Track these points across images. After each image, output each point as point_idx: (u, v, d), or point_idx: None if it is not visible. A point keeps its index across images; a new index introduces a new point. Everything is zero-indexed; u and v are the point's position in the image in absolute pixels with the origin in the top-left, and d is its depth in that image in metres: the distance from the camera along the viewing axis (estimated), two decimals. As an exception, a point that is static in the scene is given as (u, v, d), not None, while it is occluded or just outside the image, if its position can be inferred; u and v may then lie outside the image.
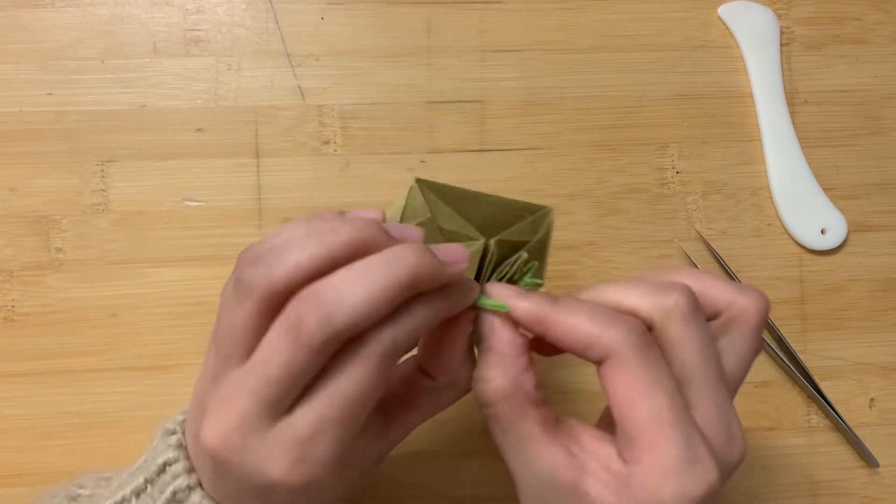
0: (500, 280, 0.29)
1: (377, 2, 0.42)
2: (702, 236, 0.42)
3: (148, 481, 0.28)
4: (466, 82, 0.42)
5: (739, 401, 0.38)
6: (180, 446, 0.28)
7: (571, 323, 0.25)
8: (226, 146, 0.40)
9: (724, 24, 0.43)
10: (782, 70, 0.43)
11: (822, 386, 0.41)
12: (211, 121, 0.40)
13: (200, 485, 0.27)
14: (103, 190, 0.39)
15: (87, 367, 0.38)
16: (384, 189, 0.40)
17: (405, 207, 0.31)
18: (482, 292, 0.27)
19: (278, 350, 0.23)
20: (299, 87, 0.41)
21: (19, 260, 0.39)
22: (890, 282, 0.43)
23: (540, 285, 0.30)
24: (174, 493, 0.27)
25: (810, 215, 0.42)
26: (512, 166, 0.41)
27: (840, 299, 0.42)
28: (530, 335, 0.27)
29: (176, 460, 0.27)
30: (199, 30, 0.41)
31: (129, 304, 0.39)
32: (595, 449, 0.26)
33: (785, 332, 0.41)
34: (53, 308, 0.38)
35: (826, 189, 0.42)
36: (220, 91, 0.40)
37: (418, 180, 0.30)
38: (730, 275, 0.41)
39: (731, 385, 0.26)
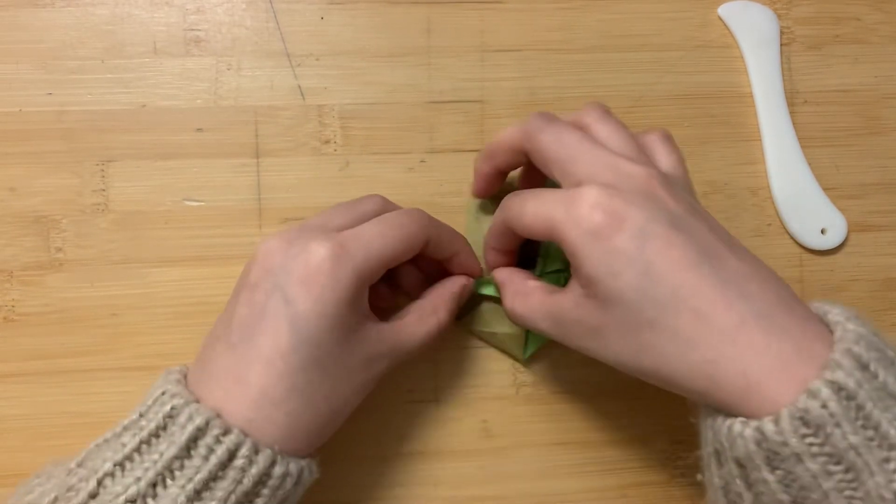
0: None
1: (377, 2, 0.42)
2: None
3: (141, 414, 0.29)
4: (466, 82, 0.42)
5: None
6: (179, 382, 0.29)
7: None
8: (226, 146, 0.40)
9: (724, 24, 0.43)
10: (782, 70, 0.43)
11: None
12: (211, 121, 0.40)
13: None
14: (103, 190, 0.39)
15: (87, 367, 0.38)
16: (384, 189, 0.40)
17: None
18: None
19: (389, 217, 0.33)
20: (299, 87, 0.41)
21: (19, 260, 0.39)
22: (890, 282, 0.43)
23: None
24: (171, 409, 0.28)
25: (810, 215, 0.42)
26: (512, 166, 0.41)
27: (840, 299, 0.42)
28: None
29: (172, 388, 0.29)
30: (199, 30, 0.41)
31: (129, 304, 0.39)
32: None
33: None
34: (53, 308, 0.39)
35: (826, 189, 0.42)
36: (220, 91, 0.40)
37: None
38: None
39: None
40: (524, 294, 0.34)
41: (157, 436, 0.28)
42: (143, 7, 0.41)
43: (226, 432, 0.28)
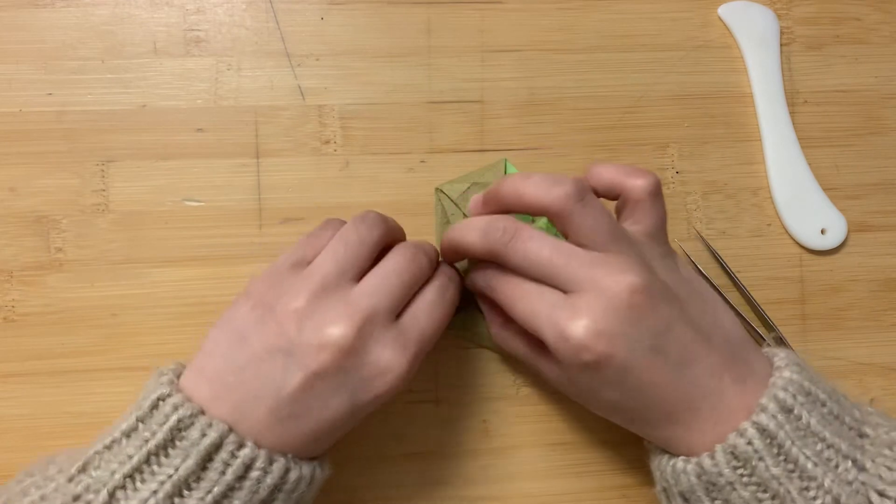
0: None
1: (377, 2, 0.42)
2: (702, 236, 0.42)
3: (140, 419, 0.29)
4: (466, 82, 0.42)
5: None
6: (172, 384, 0.30)
7: (517, 191, 0.32)
8: (226, 146, 0.40)
9: (724, 24, 0.43)
10: (782, 70, 0.43)
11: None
12: (211, 121, 0.40)
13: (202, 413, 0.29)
14: (103, 190, 0.39)
15: (87, 367, 0.38)
16: (384, 189, 0.40)
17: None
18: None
19: (399, 264, 0.32)
20: (299, 87, 0.41)
21: (19, 260, 0.39)
22: (890, 282, 0.43)
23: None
24: (178, 422, 0.28)
25: (810, 215, 0.42)
26: (512, 166, 0.41)
27: (840, 299, 0.42)
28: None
29: (170, 394, 0.29)
30: (199, 30, 0.41)
31: (129, 304, 0.39)
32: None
33: (785, 332, 0.41)
34: (53, 308, 0.39)
35: (826, 189, 0.42)
36: (220, 91, 0.40)
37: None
38: (730, 275, 0.41)
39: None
40: (508, 338, 0.36)
41: (165, 448, 0.28)
42: (143, 7, 0.41)
43: (240, 446, 0.28)
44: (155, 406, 0.29)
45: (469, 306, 0.39)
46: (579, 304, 0.30)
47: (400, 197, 0.40)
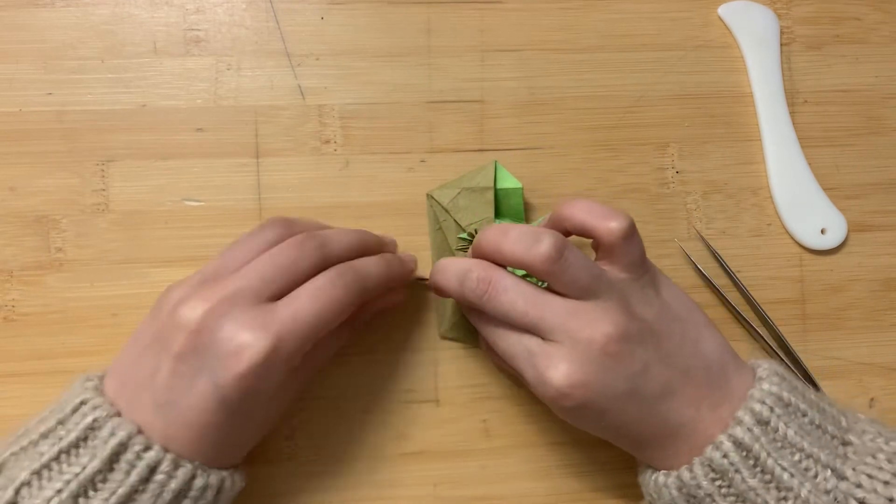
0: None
1: (377, 2, 0.42)
2: (702, 236, 0.42)
3: (60, 422, 0.29)
4: (466, 82, 0.42)
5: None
6: (97, 389, 0.30)
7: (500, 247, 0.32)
8: (226, 146, 0.40)
9: (724, 24, 0.43)
10: (782, 70, 0.43)
11: (823, 385, 0.41)
12: (211, 121, 0.40)
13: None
14: (103, 190, 0.39)
15: (87, 367, 0.38)
16: (384, 189, 0.40)
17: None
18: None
19: (279, 250, 0.31)
20: (299, 86, 0.41)
21: (19, 260, 0.39)
22: (890, 282, 0.43)
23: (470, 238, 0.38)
24: (93, 421, 0.28)
25: (810, 215, 0.42)
26: (512, 166, 0.41)
27: (840, 299, 0.42)
28: None
29: (92, 399, 0.29)
30: (199, 30, 0.41)
31: (129, 304, 0.39)
32: None
33: (785, 332, 0.41)
34: (53, 308, 0.38)
35: (826, 189, 0.42)
36: (220, 91, 0.40)
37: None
38: (730, 275, 0.41)
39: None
40: (498, 360, 0.37)
41: (77, 447, 0.28)
42: (143, 7, 0.41)
43: (146, 448, 0.28)
44: (76, 409, 0.29)
45: (455, 315, 0.39)
46: (557, 353, 0.31)
47: (399, 197, 0.40)
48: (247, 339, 0.28)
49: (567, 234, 0.34)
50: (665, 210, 0.42)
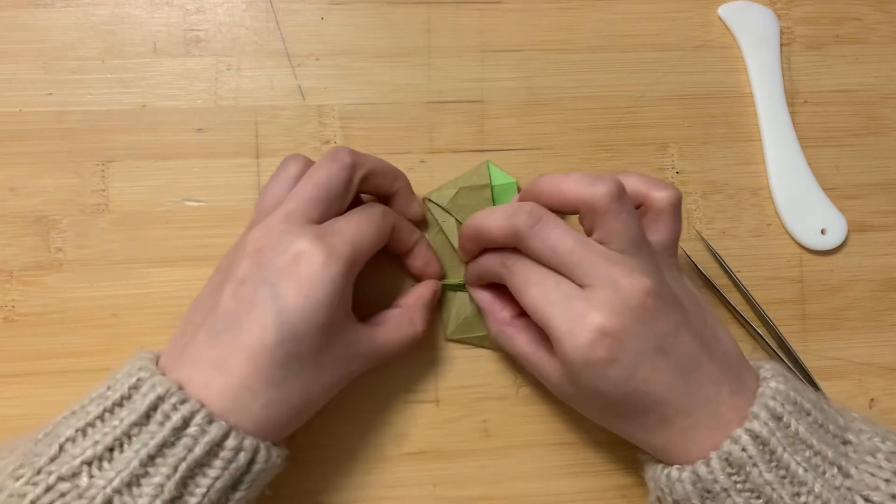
0: None
1: (377, 2, 0.42)
2: (702, 236, 0.42)
3: (109, 387, 0.30)
4: (466, 82, 0.42)
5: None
6: (150, 360, 0.30)
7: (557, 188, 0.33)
8: (226, 146, 0.40)
9: (724, 24, 0.43)
10: (782, 70, 0.43)
11: (823, 386, 0.41)
12: (211, 121, 0.40)
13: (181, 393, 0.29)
14: (103, 190, 0.39)
15: (87, 367, 0.38)
16: (384, 189, 0.40)
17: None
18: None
19: (322, 174, 0.33)
20: (299, 87, 0.41)
21: (19, 260, 0.39)
22: (890, 282, 0.43)
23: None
24: (137, 381, 0.29)
25: (810, 215, 0.42)
26: (512, 166, 0.41)
27: (840, 299, 0.42)
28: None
29: (141, 363, 0.30)
30: (199, 30, 0.41)
31: (129, 304, 0.39)
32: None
33: (785, 332, 0.41)
34: (53, 308, 0.39)
35: (826, 189, 0.42)
36: (220, 91, 0.40)
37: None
38: (730, 275, 0.41)
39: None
40: (509, 335, 0.36)
41: (120, 405, 0.29)
42: (143, 7, 0.41)
43: (183, 401, 0.28)
44: (125, 373, 0.30)
45: (461, 312, 0.39)
46: (595, 298, 0.30)
47: (400, 197, 0.40)
48: (303, 247, 0.30)
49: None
50: (665, 210, 0.42)
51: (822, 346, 0.42)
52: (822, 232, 0.42)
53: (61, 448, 0.28)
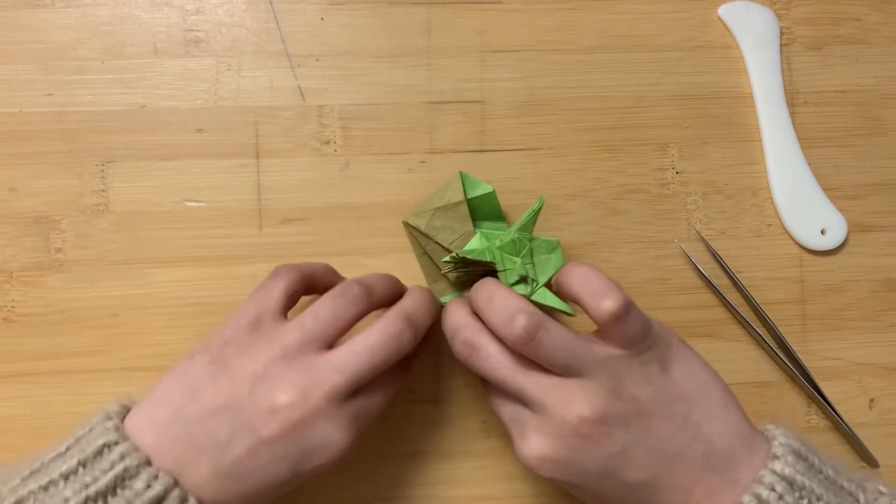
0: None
1: (377, 2, 0.42)
2: (702, 236, 0.42)
3: (82, 463, 0.29)
4: (466, 82, 0.42)
5: (740, 401, 0.38)
6: (119, 430, 0.29)
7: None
8: (226, 146, 0.40)
9: (724, 24, 0.43)
10: (782, 70, 0.43)
11: (822, 386, 0.41)
12: (211, 121, 0.40)
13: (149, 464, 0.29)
14: (103, 190, 0.39)
15: (87, 367, 0.38)
16: (384, 189, 0.40)
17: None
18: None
19: (377, 342, 0.31)
20: (299, 87, 0.41)
21: (19, 260, 0.39)
22: (890, 282, 0.43)
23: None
24: (124, 470, 0.28)
25: (810, 215, 0.42)
26: (512, 166, 0.41)
27: (840, 299, 0.42)
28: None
29: (117, 442, 0.29)
30: (199, 30, 0.41)
31: (129, 304, 0.39)
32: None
33: (785, 332, 0.41)
34: (53, 308, 0.39)
35: (826, 189, 0.42)
36: (220, 91, 0.40)
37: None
38: (730, 275, 0.41)
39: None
40: (493, 400, 0.35)
41: (106, 496, 0.28)
42: (143, 7, 0.41)
43: (183, 501, 0.28)
44: (100, 452, 0.29)
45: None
46: (532, 424, 0.31)
47: (400, 197, 0.40)
48: (336, 439, 0.30)
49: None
50: (665, 210, 0.42)
51: (822, 346, 0.42)
52: (822, 232, 0.42)
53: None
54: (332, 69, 0.41)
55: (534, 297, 0.35)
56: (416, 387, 0.39)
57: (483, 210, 0.38)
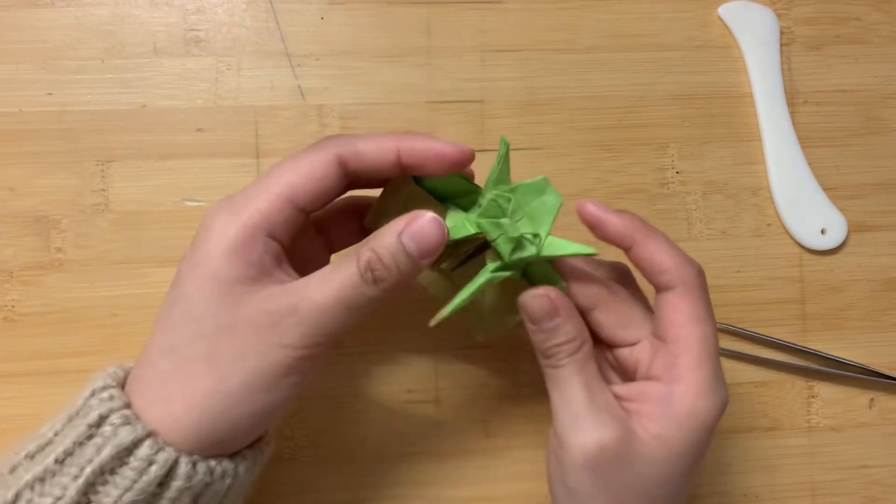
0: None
1: (377, 2, 0.42)
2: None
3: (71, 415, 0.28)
4: (466, 82, 0.42)
5: (739, 401, 0.38)
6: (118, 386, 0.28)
7: (655, 251, 0.30)
8: (226, 146, 0.40)
9: (724, 24, 0.43)
10: (782, 70, 0.43)
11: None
12: (211, 121, 0.40)
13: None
14: (103, 190, 0.39)
15: (87, 367, 0.38)
16: (384, 189, 0.40)
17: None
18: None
19: None
20: (299, 87, 0.41)
21: (19, 260, 0.39)
22: (890, 282, 0.43)
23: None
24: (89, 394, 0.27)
25: (810, 215, 0.42)
26: (512, 166, 0.41)
27: (840, 299, 0.42)
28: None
29: (104, 387, 0.28)
30: (199, 30, 0.41)
31: (129, 304, 0.39)
32: (628, 395, 0.30)
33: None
34: (53, 308, 0.38)
35: (826, 189, 0.42)
36: (220, 91, 0.40)
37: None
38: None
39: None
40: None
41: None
42: (143, 7, 0.41)
43: (108, 395, 0.27)
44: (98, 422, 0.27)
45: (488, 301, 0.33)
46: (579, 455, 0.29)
47: (400, 197, 0.40)
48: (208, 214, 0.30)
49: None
50: (665, 210, 0.42)
51: (822, 346, 0.42)
52: (822, 232, 0.42)
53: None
54: (332, 69, 0.41)
55: (545, 254, 0.30)
56: (416, 387, 0.39)
57: (447, 189, 0.31)
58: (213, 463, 0.27)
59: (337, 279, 0.27)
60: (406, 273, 0.27)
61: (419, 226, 0.27)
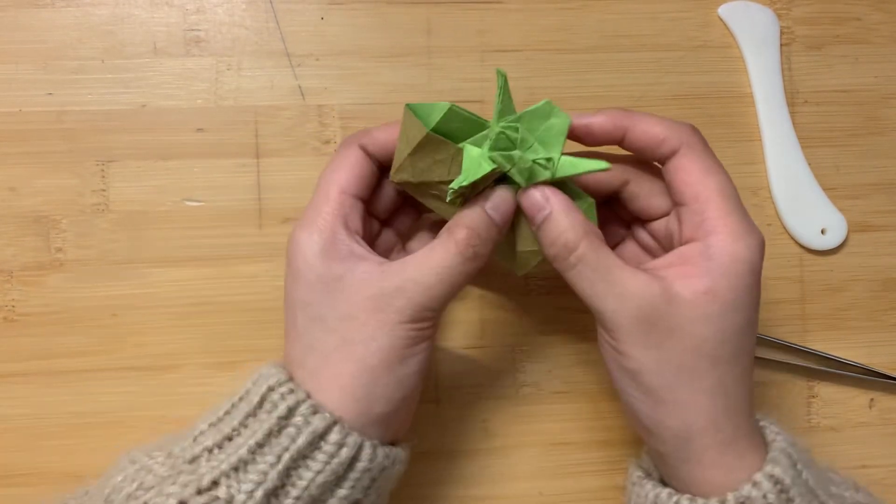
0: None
1: (377, 2, 0.42)
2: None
3: (242, 398, 0.30)
4: (466, 82, 0.42)
5: (739, 401, 0.38)
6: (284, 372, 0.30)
7: (646, 126, 0.31)
8: (226, 146, 0.40)
9: (724, 24, 0.43)
10: (782, 70, 0.43)
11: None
12: (211, 121, 0.40)
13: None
14: (103, 190, 0.39)
15: (87, 367, 0.38)
16: (384, 189, 0.40)
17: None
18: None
19: None
20: (299, 87, 0.41)
21: (19, 260, 0.39)
22: (890, 282, 0.43)
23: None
24: (269, 388, 0.29)
25: (810, 215, 0.42)
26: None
27: (840, 299, 0.42)
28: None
29: (280, 383, 0.30)
30: (199, 30, 0.41)
31: (129, 304, 0.39)
32: (665, 263, 0.31)
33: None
34: (53, 308, 0.39)
35: (826, 189, 0.42)
36: (220, 91, 0.40)
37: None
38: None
39: None
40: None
41: (241, 399, 0.30)
42: (143, 7, 0.41)
43: (291, 391, 0.29)
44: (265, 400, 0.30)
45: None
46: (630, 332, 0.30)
47: (400, 197, 0.40)
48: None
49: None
50: (665, 210, 0.42)
51: (822, 347, 0.42)
52: (822, 232, 0.42)
53: (195, 440, 0.29)
54: (332, 69, 0.41)
55: (559, 175, 0.31)
56: (416, 387, 0.39)
57: (458, 130, 0.31)
58: (388, 448, 0.31)
59: (436, 259, 0.30)
60: (495, 242, 0.31)
61: (498, 195, 0.31)
